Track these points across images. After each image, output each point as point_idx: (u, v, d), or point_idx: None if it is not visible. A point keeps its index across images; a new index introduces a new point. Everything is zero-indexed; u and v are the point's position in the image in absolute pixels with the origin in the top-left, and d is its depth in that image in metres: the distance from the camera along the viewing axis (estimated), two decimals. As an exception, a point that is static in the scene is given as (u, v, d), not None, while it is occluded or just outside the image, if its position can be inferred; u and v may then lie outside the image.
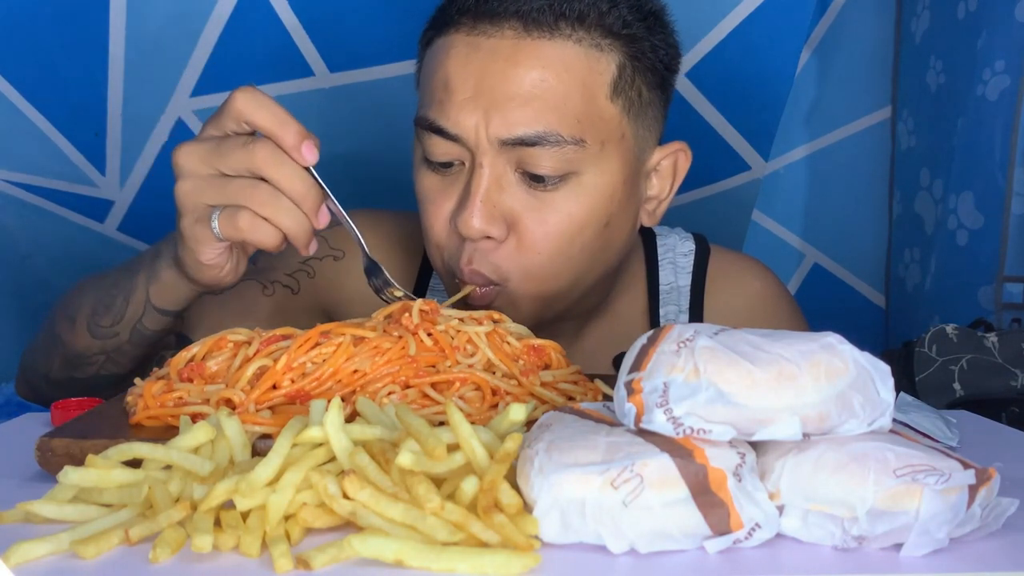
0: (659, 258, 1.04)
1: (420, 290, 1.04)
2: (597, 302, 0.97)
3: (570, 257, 0.85)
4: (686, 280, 1.03)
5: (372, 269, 0.82)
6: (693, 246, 1.06)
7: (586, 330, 0.99)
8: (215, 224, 0.73)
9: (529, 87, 0.80)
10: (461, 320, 0.72)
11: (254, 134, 0.73)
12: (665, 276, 1.03)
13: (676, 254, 1.05)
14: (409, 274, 1.04)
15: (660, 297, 1.02)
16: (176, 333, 0.94)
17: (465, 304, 0.85)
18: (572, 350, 0.94)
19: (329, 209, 0.75)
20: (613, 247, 0.89)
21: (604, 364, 0.95)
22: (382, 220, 1.05)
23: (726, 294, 1.03)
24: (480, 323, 0.72)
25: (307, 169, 0.73)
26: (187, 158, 0.73)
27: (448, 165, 0.84)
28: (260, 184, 0.71)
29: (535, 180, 0.82)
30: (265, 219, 0.71)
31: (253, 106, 0.71)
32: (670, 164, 0.91)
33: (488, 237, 0.82)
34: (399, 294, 0.81)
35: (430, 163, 0.85)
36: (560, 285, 0.87)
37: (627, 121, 0.85)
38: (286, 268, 1.01)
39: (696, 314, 1.02)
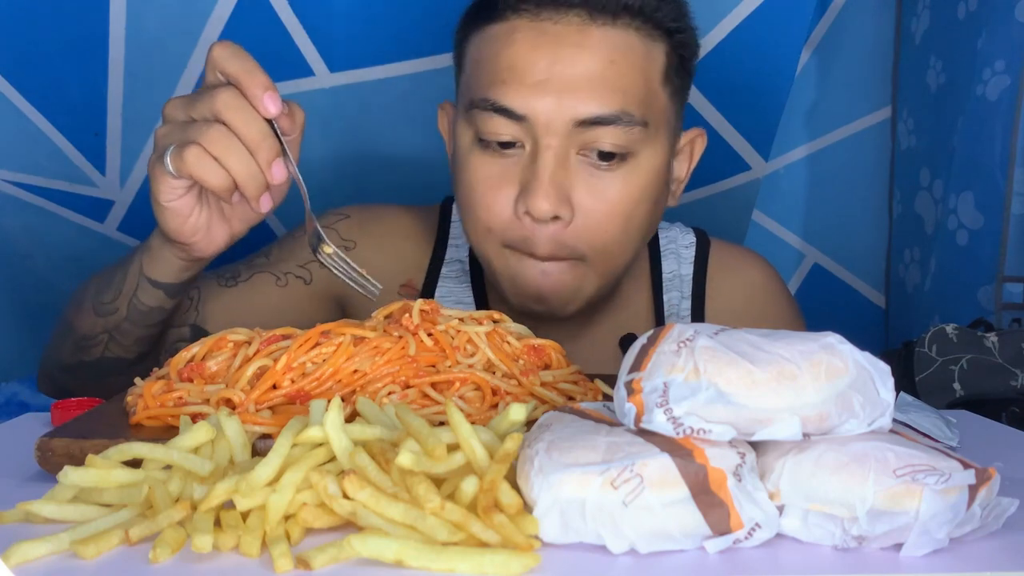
0: (661, 248, 1.07)
1: (432, 280, 1.05)
2: (608, 291, 0.99)
3: (629, 234, 0.90)
4: (688, 269, 1.07)
5: (314, 231, 0.81)
6: (694, 239, 1.09)
7: (594, 313, 1.01)
8: (167, 158, 0.74)
9: (600, 69, 0.84)
10: (461, 320, 0.72)
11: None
12: (668, 265, 1.07)
13: (678, 245, 1.09)
14: (419, 264, 1.06)
15: (663, 284, 1.06)
16: (191, 325, 0.96)
17: (537, 291, 0.89)
18: (581, 334, 0.99)
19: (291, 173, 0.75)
20: (654, 225, 0.95)
21: (611, 348, 0.99)
22: (387, 213, 1.07)
23: (727, 283, 1.07)
24: (480, 323, 0.72)
25: (271, 125, 0.73)
26: (170, 107, 0.76)
27: (508, 146, 0.86)
28: (216, 124, 0.72)
29: (602, 158, 0.86)
30: (215, 158, 0.72)
31: (226, 55, 0.73)
32: (689, 149, 0.99)
33: (556, 218, 0.86)
34: (329, 250, 0.81)
35: (486, 145, 0.87)
36: (622, 262, 0.92)
37: (671, 107, 0.92)
38: (298, 260, 1.02)
39: (698, 302, 1.06)
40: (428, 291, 1.04)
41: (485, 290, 1.04)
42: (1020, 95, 1.36)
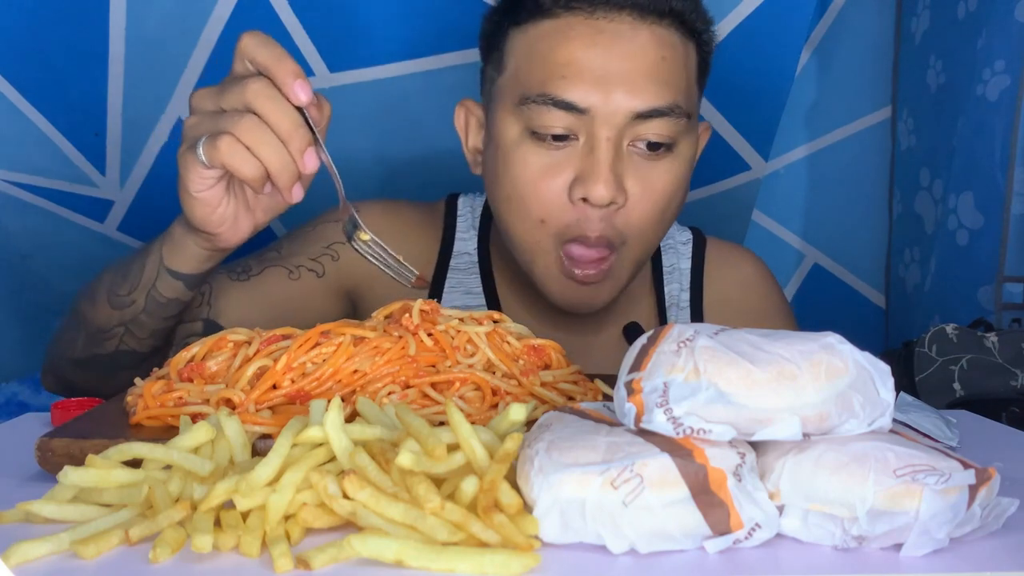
0: (661, 243, 1.12)
1: (441, 271, 1.08)
2: None
3: (665, 221, 0.95)
4: (687, 263, 1.13)
5: (350, 218, 0.82)
6: (691, 236, 1.16)
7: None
8: (200, 148, 0.73)
9: (654, 64, 0.90)
10: (461, 320, 0.72)
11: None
12: (667, 259, 1.13)
13: (676, 241, 1.15)
14: (428, 258, 1.09)
15: (664, 277, 1.12)
16: (204, 320, 0.97)
17: (574, 280, 0.93)
18: (586, 318, 1.03)
19: (321, 161, 0.75)
20: (677, 214, 0.99)
21: (615, 334, 1.04)
22: (402, 209, 1.11)
23: (722, 276, 1.13)
24: (480, 323, 0.72)
25: (301, 113, 0.73)
26: (197, 98, 0.76)
27: (562, 138, 0.90)
28: (248, 115, 0.72)
29: (650, 149, 0.91)
30: (247, 148, 0.72)
31: (255, 44, 0.72)
32: (695, 141, 1.03)
33: (612, 203, 0.90)
34: (366, 237, 0.82)
35: (539, 138, 0.91)
36: (651, 250, 0.97)
37: (699, 102, 0.98)
38: (310, 253, 1.04)
39: (696, 292, 1.12)
40: (438, 282, 1.08)
41: (494, 281, 1.07)
42: (1020, 95, 1.36)
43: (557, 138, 0.90)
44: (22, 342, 1.49)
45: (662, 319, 1.10)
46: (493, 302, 1.06)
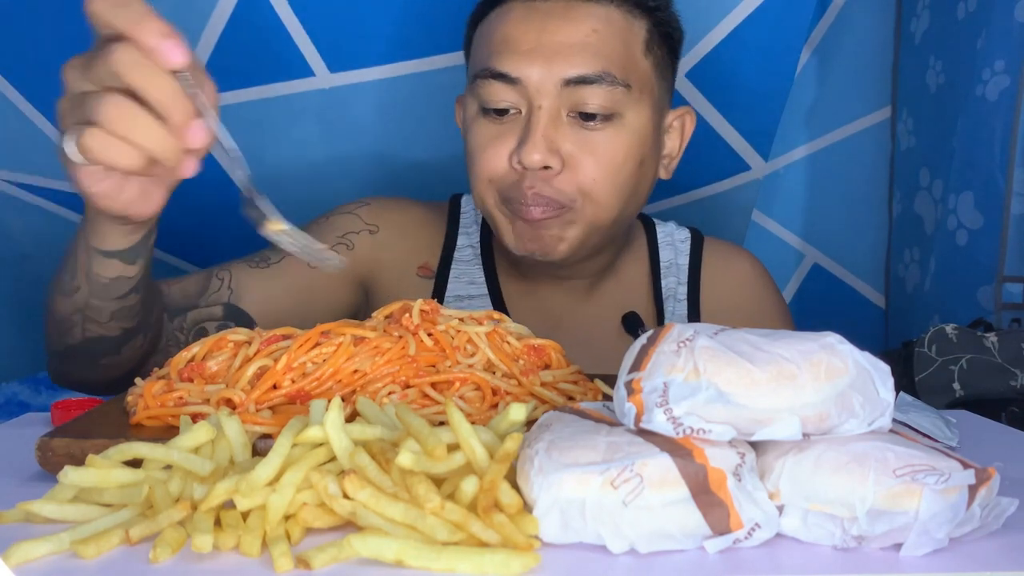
0: (659, 240, 1.18)
1: (446, 262, 1.13)
2: (608, 263, 1.11)
3: (616, 187, 0.98)
4: (684, 260, 1.17)
5: (248, 201, 0.69)
6: (689, 235, 1.20)
7: (596, 290, 1.12)
8: (65, 146, 0.64)
9: (584, 36, 0.96)
10: (461, 320, 0.72)
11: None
12: (665, 255, 1.17)
13: (675, 239, 1.19)
14: (433, 250, 1.14)
15: (661, 270, 1.16)
16: (224, 304, 1.00)
17: (525, 224, 0.98)
18: (584, 307, 1.11)
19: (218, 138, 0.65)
20: (643, 188, 1.03)
21: (612, 321, 1.10)
22: (404, 203, 1.16)
23: (720, 272, 1.17)
24: (480, 323, 0.72)
25: (184, 79, 0.62)
26: (68, 72, 0.65)
27: (504, 112, 0.97)
28: (113, 97, 0.61)
29: (586, 118, 0.96)
30: (121, 137, 0.62)
31: (106, 7, 0.61)
32: (679, 125, 1.08)
33: (546, 167, 0.95)
34: (278, 228, 0.70)
35: (487, 112, 0.98)
36: (609, 214, 0.99)
37: (655, 77, 1.01)
38: (326, 243, 1.04)
39: (694, 286, 1.16)
40: (442, 272, 1.13)
41: (496, 270, 1.12)
42: (1020, 95, 1.36)
43: (499, 112, 0.97)
44: (22, 342, 1.49)
45: (659, 310, 1.13)
46: (494, 291, 1.11)
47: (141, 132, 0.61)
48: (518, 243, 1.00)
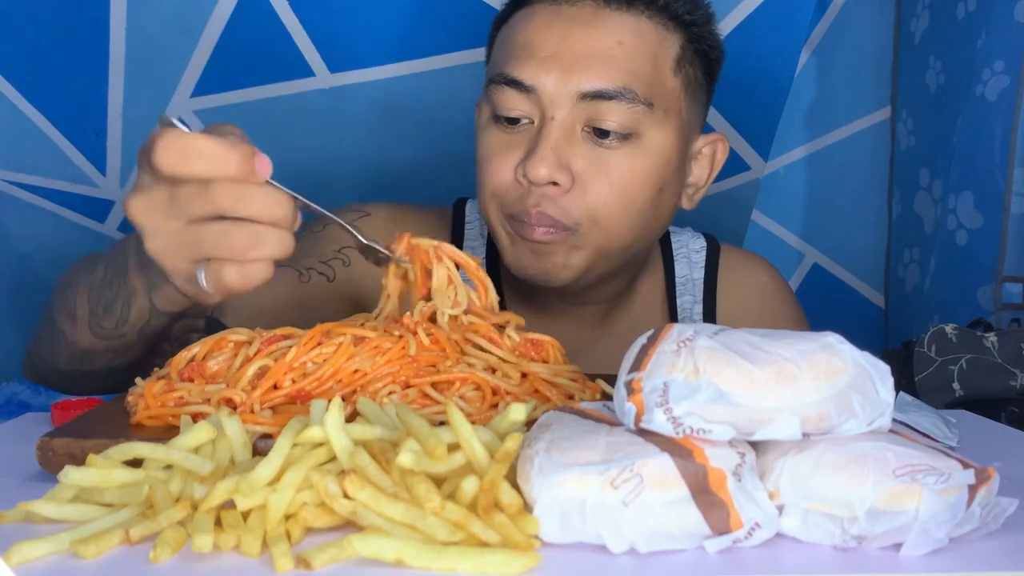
0: (674, 253, 1.11)
1: None
2: (622, 288, 1.03)
3: (631, 213, 0.91)
4: (699, 274, 1.11)
5: (368, 250, 0.77)
6: (704, 244, 1.13)
7: (611, 316, 1.05)
8: (204, 284, 0.65)
9: (608, 48, 0.88)
10: (466, 312, 0.73)
11: None
12: (680, 269, 1.10)
13: (690, 250, 1.12)
14: None
15: (676, 288, 1.09)
16: (207, 317, 0.93)
17: (526, 244, 0.91)
18: (598, 334, 1.03)
19: (301, 210, 0.68)
20: (661, 216, 0.96)
21: (619, 339, 1.01)
22: (408, 213, 1.10)
23: (737, 287, 1.11)
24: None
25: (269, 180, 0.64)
26: (146, 216, 0.65)
27: (516, 121, 0.90)
28: (234, 229, 0.63)
29: (601, 135, 0.89)
30: (255, 260, 0.64)
31: (177, 160, 0.61)
32: (710, 152, 1.00)
33: (554, 184, 0.88)
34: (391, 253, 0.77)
35: (498, 120, 0.91)
36: (619, 242, 0.93)
37: (684, 97, 0.93)
38: (321, 255, 1.02)
39: (709, 304, 1.09)
40: None
41: (501, 286, 1.06)
42: (1020, 95, 1.36)
43: (511, 121, 0.91)
44: (22, 342, 1.49)
45: None
46: (500, 306, 1.05)
47: (267, 247, 0.63)
48: (517, 264, 0.94)
